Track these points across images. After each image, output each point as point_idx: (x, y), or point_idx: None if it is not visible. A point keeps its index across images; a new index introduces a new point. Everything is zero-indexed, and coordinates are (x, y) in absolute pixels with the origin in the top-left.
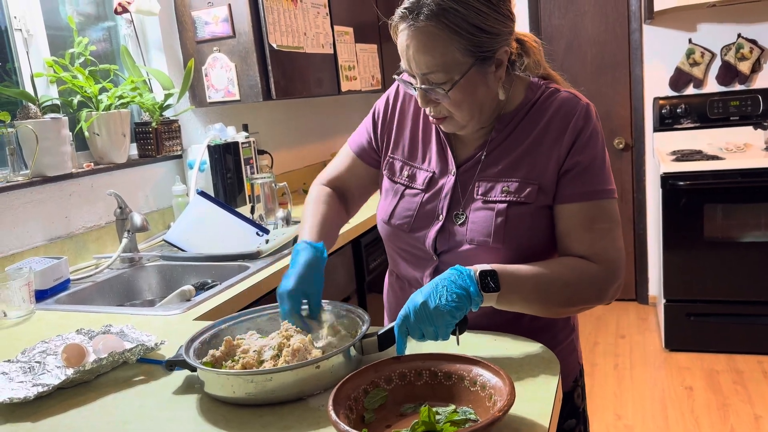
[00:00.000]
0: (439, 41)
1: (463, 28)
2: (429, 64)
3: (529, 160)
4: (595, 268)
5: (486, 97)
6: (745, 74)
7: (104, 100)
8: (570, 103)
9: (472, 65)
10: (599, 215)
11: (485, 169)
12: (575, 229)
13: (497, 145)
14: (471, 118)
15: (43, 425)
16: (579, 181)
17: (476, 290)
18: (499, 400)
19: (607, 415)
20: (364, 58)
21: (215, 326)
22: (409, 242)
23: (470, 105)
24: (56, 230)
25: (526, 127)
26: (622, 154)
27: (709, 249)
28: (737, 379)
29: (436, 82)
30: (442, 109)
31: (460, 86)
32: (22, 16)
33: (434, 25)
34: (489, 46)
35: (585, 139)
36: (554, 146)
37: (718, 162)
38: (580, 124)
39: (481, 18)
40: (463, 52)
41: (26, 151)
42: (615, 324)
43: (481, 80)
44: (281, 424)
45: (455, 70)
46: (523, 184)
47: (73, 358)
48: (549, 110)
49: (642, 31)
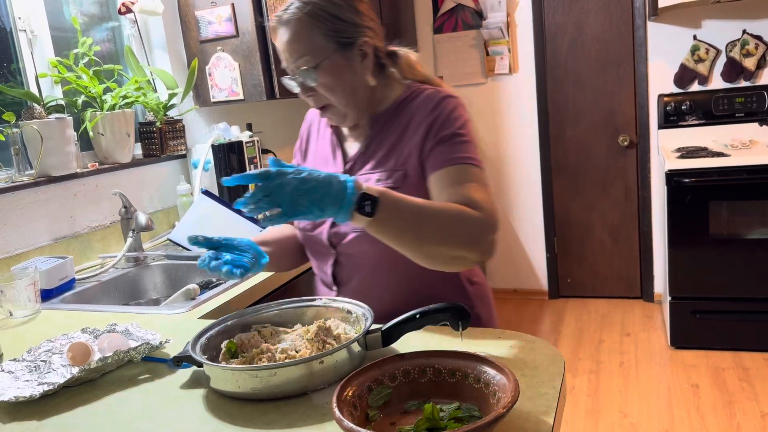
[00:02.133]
0: (303, 28)
1: (320, 15)
2: (298, 51)
3: (397, 151)
4: (475, 213)
5: (357, 83)
6: (750, 70)
7: (108, 100)
8: (430, 96)
9: (334, 50)
10: (467, 176)
11: (364, 165)
12: (447, 187)
13: (372, 141)
14: (347, 104)
15: (48, 424)
16: (442, 152)
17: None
18: (503, 396)
19: (613, 413)
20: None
21: (222, 323)
22: (313, 240)
23: (342, 89)
24: (61, 230)
25: (396, 122)
26: (627, 152)
27: (714, 246)
28: (743, 377)
29: (305, 66)
30: (321, 97)
31: (326, 68)
32: (27, 16)
33: (297, 16)
34: (348, 34)
35: (441, 120)
36: (415, 134)
37: (723, 159)
38: (436, 109)
39: (336, 8)
40: (324, 37)
41: (31, 152)
42: (620, 322)
43: (347, 65)
44: (285, 421)
45: (320, 54)
46: (392, 172)
47: (79, 357)
48: (414, 105)
49: (646, 27)
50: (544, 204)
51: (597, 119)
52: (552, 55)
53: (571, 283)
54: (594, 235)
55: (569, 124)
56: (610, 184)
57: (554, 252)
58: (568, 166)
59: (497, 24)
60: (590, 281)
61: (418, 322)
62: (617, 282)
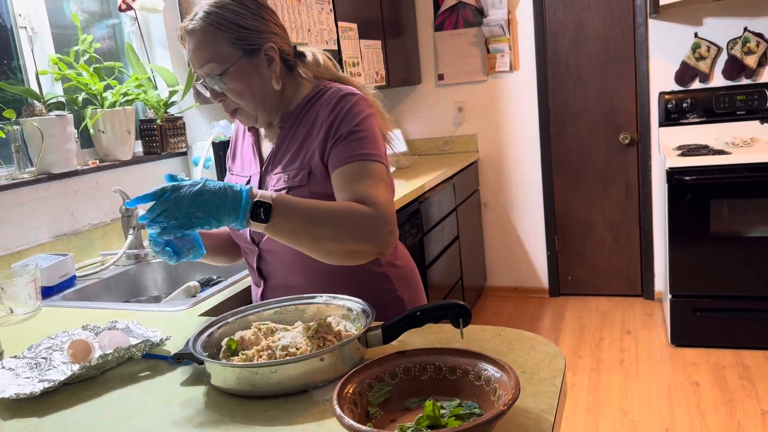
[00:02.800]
0: (209, 37)
1: (223, 25)
2: (204, 58)
3: (304, 150)
4: (366, 209)
5: (265, 88)
6: (751, 68)
7: (109, 97)
8: (332, 95)
9: (240, 56)
10: (364, 172)
11: (275, 164)
12: (344, 185)
13: (282, 141)
14: (256, 107)
15: (49, 420)
16: (341, 150)
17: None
18: (503, 394)
19: (613, 411)
20: (368, 54)
21: (222, 320)
22: (240, 238)
23: (250, 93)
24: (62, 227)
25: (303, 121)
26: (628, 149)
27: (715, 244)
28: (744, 375)
29: (213, 73)
30: (230, 102)
31: (233, 74)
32: (27, 14)
33: (203, 25)
34: (252, 41)
35: (340, 118)
36: (319, 133)
37: (724, 157)
38: (340, 107)
39: (238, 17)
40: (230, 45)
41: (32, 149)
42: (621, 319)
43: (254, 71)
44: (286, 418)
45: (226, 61)
46: (297, 171)
47: (79, 354)
48: (318, 103)
49: (647, 25)
50: (545, 202)
51: (598, 117)
52: (553, 52)
53: (571, 280)
54: (595, 233)
55: (570, 122)
56: (611, 182)
57: (555, 250)
58: (568, 164)
59: (498, 21)
60: (591, 279)
61: (418, 320)
62: (618, 280)
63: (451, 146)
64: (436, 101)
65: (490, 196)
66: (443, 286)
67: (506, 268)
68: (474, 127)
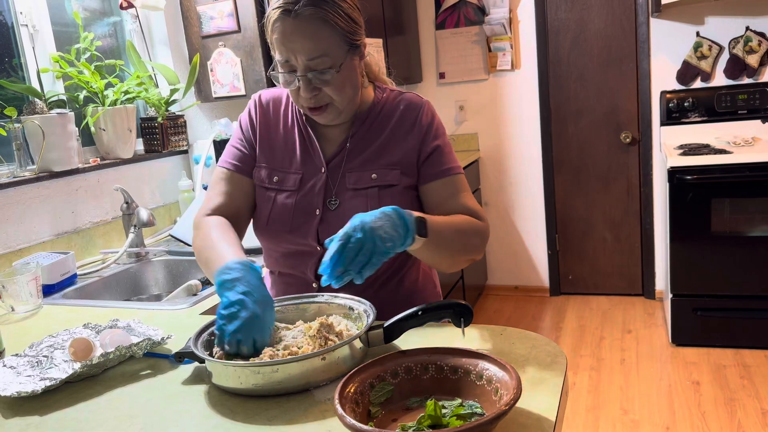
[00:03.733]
0: (323, 27)
1: (339, 15)
2: (315, 49)
3: (388, 150)
4: (481, 223)
5: (359, 84)
6: (753, 67)
7: (110, 95)
8: (415, 101)
9: (347, 51)
10: (461, 186)
11: (351, 161)
12: (447, 199)
13: (359, 140)
14: (349, 103)
15: (50, 419)
16: (437, 163)
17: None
18: (505, 394)
19: (614, 410)
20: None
21: None
22: (291, 241)
23: (352, 90)
24: (63, 225)
25: (382, 122)
26: (629, 148)
27: (716, 243)
28: (744, 374)
29: (321, 67)
30: (324, 96)
31: (343, 70)
32: (28, 11)
33: (315, 13)
34: (357, 36)
35: (434, 129)
36: (408, 136)
37: (725, 156)
38: (429, 117)
39: (349, 9)
40: (341, 38)
41: (33, 147)
42: (621, 319)
43: (355, 67)
44: (287, 417)
45: (338, 55)
46: (387, 170)
47: (81, 353)
48: (399, 107)
49: (649, 24)
50: (546, 201)
51: (599, 116)
52: (554, 51)
53: (572, 280)
54: (595, 232)
55: (571, 121)
56: (612, 181)
57: (555, 249)
58: (570, 163)
59: (500, 20)
60: (591, 278)
61: (420, 319)
62: (618, 279)
63: (452, 145)
64: (437, 100)
65: (491, 195)
66: (444, 285)
67: (507, 267)
68: (475, 126)
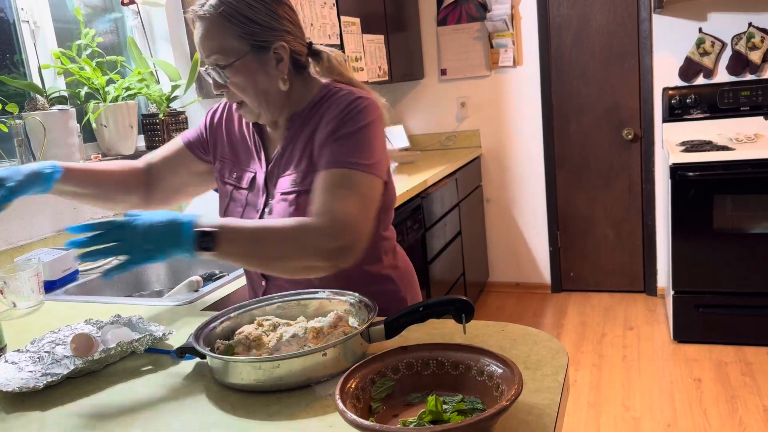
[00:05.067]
0: (217, 28)
1: (235, 17)
2: (211, 48)
3: (309, 152)
4: (318, 224)
5: (270, 86)
6: (756, 64)
7: (111, 91)
8: (344, 97)
9: (247, 52)
10: (342, 182)
11: (282, 165)
12: (317, 191)
13: (289, 142)
14: (259, 104)
15: (52, 414)
16: (331, 152)
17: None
18: (506, 389)
19: (615, 406)
20: (370, 49)
21: (225, 315)
22: None
23: (254, 90)
24: (65, 221)
25: (310, 123)
26: (631, 145)
27: (718, 240)
28: (746, 371)
29: (218, 64)
30: (233, 95)
31: (237, 69)
32: (30, 7)
33: (213, 14)
34: (263, 37)
35: (348, 118)
36: (323, 133)
37: (727, 152)
38: (345, 109)
39: (252, 11)
40: (238, 39)
41: (34, 143)
42: (623, 315)
43: (260, 68)
44: (288, 412)
45: (232, 54)
46: (305, 174)
47: (82, 348)
48: (326, 104)
49: (651, 20)
50: (548, 197)
51: (601, 112)
52: (556, 47)
53: (573, 276)
54: (597, 229)
55: (573, 118)
56: (614, 178)
57: (557, 246)
58: (571, 160)
59: (501, 16)
60: (593, 275)
61: (421, 315)
62: (620, 276)
63: (453, 142)
64: (439, 96)
65: (492, 191)
66: (445, 281)
67: (508, 263)
68: (477, 123)
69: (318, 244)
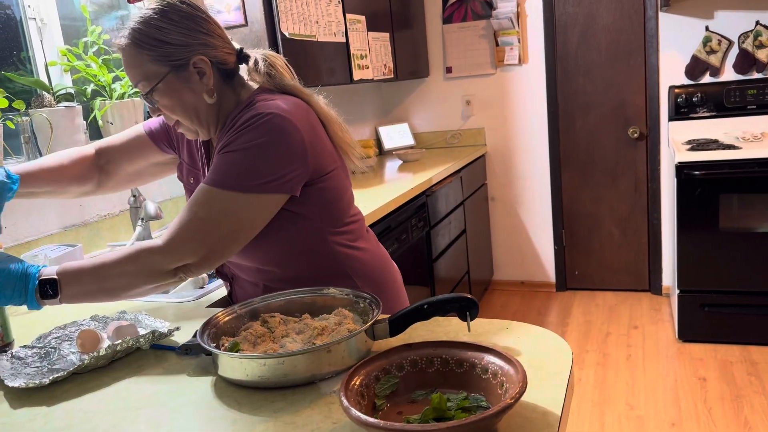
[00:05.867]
0: (134, 56)
1: (147, 42)
2: (134, 76)
3: None
4: (154, 245)
5: (197, 102)
6: (763, 62)
7: (118, 88)
8: (251, 109)
9: (167, 73)
10: (201, 199)
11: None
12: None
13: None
14: (192, 122)
15: (58, 410)
16: (213, 166)
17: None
18: (510, 387)
19: (620, 405)
20: (376, 47)
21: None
22: None
23: (182, 109)
24: (71, 218)
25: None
26: (637, 144)
27: (723, 239)
28: (751, 371)
29: (143, 91)
30: (168, 116)
31: (162, 91)
32: (36, 5)
33: (128, 43)
34: (178, 56)
35: (239, 134)
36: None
37: (734, 151)
38: (242, 124)
39: (161, 33)
40: (154, 62)
41: (41, 140)
42: (628, 314)
43: (184, 86)
44: (293, 409)
45: (153, 78)
46: None
47: (88, 344)
48: (238, 117)
49: (658, 18)
50: (553, 196)
51: (607, 111)
52: (562, 45)
53: (578, 275)
54: (602, 228)
55: (579, 116)
56: (620, 176)
57: (562, 244)
58: (577, 158)
59: (507, 14)
60: (598, 274)
61: (425, 312)
62: (625, 274)
63: (458, 140)
64: (444, 94)
65: (497, 189)
66: (450, 279)
67: (513, 262)
68: (482, 121)
69: (153, 266)
